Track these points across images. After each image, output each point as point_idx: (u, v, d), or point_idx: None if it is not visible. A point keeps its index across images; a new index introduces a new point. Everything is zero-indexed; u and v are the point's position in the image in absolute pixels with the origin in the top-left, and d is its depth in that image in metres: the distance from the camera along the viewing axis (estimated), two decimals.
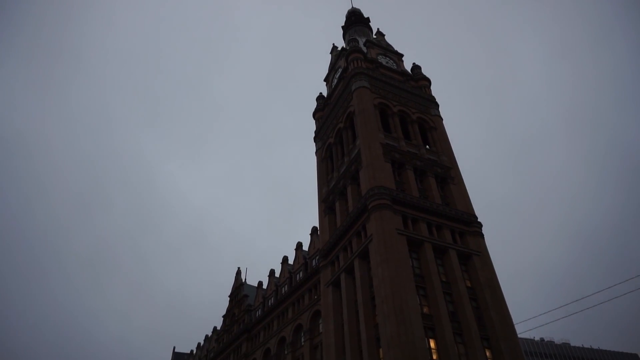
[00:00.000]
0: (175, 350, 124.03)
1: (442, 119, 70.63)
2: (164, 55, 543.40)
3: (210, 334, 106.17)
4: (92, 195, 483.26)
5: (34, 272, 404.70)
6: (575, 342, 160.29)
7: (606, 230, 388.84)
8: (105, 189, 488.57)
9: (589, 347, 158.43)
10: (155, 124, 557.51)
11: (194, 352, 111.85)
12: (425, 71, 79.86)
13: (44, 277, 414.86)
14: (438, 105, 72.84)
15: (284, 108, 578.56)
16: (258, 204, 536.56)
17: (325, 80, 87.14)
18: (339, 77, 77.72)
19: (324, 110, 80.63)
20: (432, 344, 43.79)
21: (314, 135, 79.94)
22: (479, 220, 56.63)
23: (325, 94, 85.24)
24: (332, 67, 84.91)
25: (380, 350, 44.02)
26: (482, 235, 55.43)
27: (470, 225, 55.57)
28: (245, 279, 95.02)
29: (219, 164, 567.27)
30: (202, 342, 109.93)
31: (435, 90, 77.19)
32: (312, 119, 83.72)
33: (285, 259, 78.58)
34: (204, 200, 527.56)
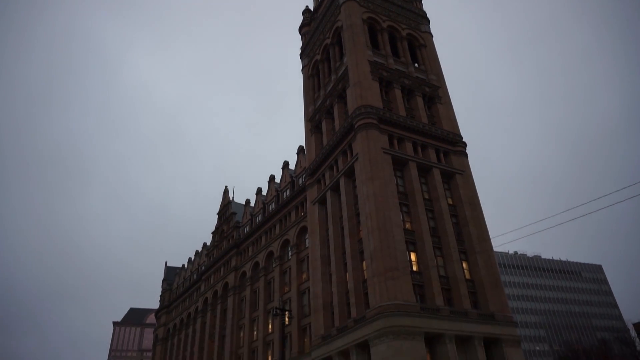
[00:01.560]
0: (167, 265, 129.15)
1: (432, 36, 68.48)
2: None
3: (200, 249, 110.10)
4: (48, 89, 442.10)
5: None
6: (546, 255, 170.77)
7: (601, 134, 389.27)
8: (62, 82, 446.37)
9: (558, 259, 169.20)
10: (117, 6, 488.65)
11: (185, 266, 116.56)
12: None
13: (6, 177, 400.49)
14: (429, 21, 70.22)
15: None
16: (237, 102, 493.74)
17: None
18: None
19: (311, 25, 77.22)
20: (412, 257, 46.32)
21: (300, 51, 77.28)
22: (463, 140, 57.33)
23: (312, 7, 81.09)
24: None
25: (364, 262, 46.47)
26: (465, 155, 56.43)
27: (454, 145, 56.31)
28: (233, 197, 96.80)
29: (191, 55, 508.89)
30: (192, 257, 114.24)
31: (427, 4, 73.70)
32: (299, 19, 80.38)
33: (272, 177, 79.60)
34: (176, 97, 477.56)
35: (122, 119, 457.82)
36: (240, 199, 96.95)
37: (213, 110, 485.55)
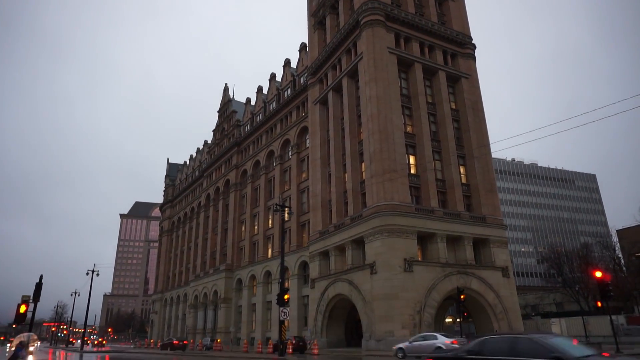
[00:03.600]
0: (169, 162, 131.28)
1: None
2: None
3: (201, 146, 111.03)
4: None
5: None
6: (542, 163, 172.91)
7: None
8: None
9: (554, 167, 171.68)
10: None
11: (187, 163, 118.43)
12: None
13: None
14: None
15: None
16: None
17: None
18: None
19: None
20: (412, 160, 46.97)
21: None
22: (473, 41, 54.97)
23: None
24: None
25: (363, 164, 47.20)
26: (474, 58, 54.54)
27: (463, 47, 54.15)
28: (233, 96, 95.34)
29: None
30: (194, 154, 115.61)
31: None
32: None
33: (272, 75, 77.62)
34: None
35: None
36: (240, 97, 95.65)
37: None
